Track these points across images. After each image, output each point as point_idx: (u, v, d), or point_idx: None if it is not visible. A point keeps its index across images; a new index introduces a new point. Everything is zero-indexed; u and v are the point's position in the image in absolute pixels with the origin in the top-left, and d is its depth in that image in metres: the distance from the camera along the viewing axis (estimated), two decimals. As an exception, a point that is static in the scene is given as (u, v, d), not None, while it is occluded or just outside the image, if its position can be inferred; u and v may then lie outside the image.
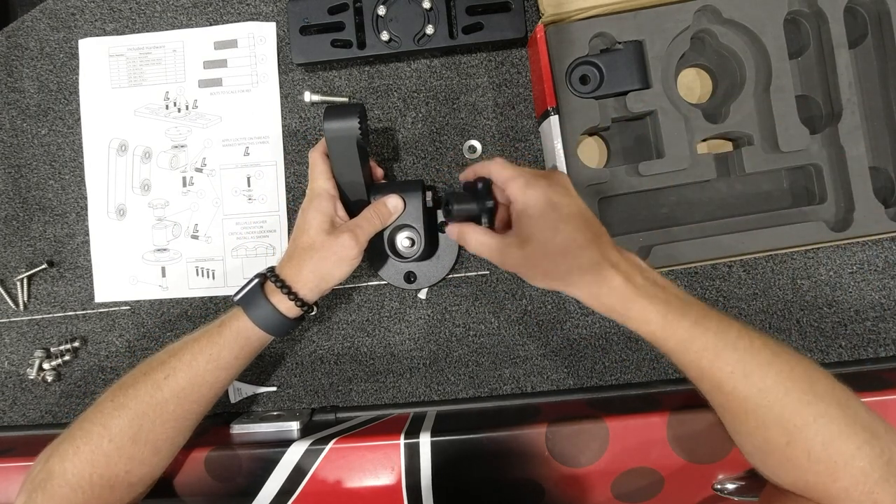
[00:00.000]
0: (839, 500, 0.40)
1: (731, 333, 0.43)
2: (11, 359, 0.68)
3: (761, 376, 0.42)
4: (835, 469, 0.40)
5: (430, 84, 0.66)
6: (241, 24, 0.67)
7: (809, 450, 0.41)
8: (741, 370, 0.42)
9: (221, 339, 0.52)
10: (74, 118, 0.68)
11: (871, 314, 0.62)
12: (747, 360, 0.42)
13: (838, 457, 0.40)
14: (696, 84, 0.65)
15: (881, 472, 0.39)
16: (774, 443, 0.42)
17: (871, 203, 0.58)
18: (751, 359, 0.42)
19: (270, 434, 0.60)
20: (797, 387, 0.42)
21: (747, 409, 0.43)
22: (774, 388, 0.42)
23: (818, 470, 0.41)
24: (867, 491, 0.39)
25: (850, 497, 0.40)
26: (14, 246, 0.68)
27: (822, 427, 0.41)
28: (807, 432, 0.41)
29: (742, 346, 0.43)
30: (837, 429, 0.40)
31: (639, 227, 0.62)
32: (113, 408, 0.50)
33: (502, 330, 0.64)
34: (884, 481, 0.39)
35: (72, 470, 0.47)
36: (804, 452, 0.41)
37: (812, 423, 0.41)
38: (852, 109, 0.58)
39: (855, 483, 0.40)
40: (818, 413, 0.41)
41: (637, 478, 0.55)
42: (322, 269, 0.52)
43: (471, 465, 0.55)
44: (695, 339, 0.43)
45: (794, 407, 0.41)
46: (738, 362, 0.42)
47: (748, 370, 0.42)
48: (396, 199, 0.56)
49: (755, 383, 0.42)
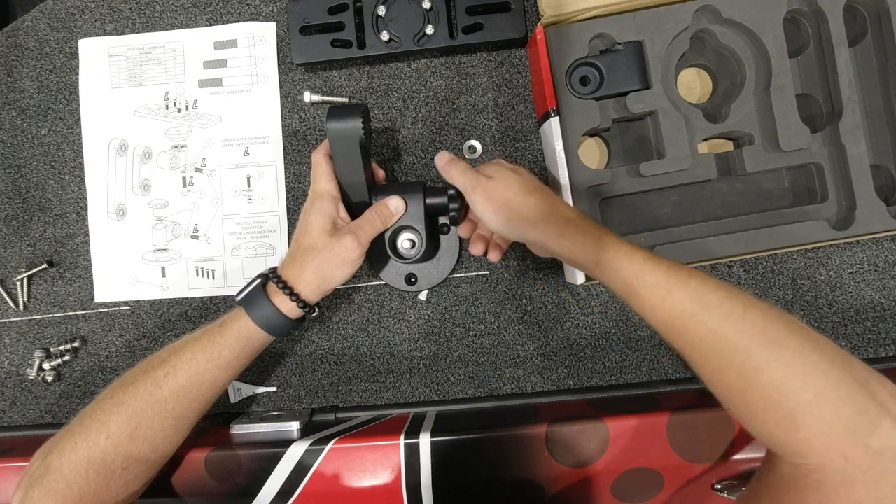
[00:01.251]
0: (806, 454, 0.37)
1: (683, 272, 0.43)
2: (11, 359, 0.68)
3: (711, 315, 0.41)
4: (793, 417, 0.37)
5: (430, 84, 0.66)
6: (241, 24, 0.67)
7: (765, 396, 0.38)
8: (692, 308, 0.42)
9: (222, 339, 0.52)
10: (74, 118, 0.68)
11: (871, 314, 0.62)
12: (697, 297, 0.42)
13: (794, 403, 0.37)
14: (696, 84, 0.64)
15: (847, 422, 0.36)
16: (733, 388, 0.40)
17: (873, 201, 0.57)
18: (701, 297, 0.42)
19: (270, 434, 0.60)
20: (749, 328, 0.40)
21: (702, 351, 0.42)
22: (725, 328, 0.40)
23: (777, 418, 0.38)
24: (832, 442, 0.36)
25: (815, 450, 0.37)
26: (14, 246, 0.68)
27: (774, 371, 0.38)
28: (760, 376, 0.39)
29: (693, 284, 0.42)
30: (792, 373, 0.38)
31: (640, 227, 0.62)
32: (112, 405, 0.50)
33: (502, 330, 0.64)
34: (850, 432, 0.36)
35: (69, 465, 0.48)
36: (761, 398, 0.39)
37: (764, 365, 0.38)
38: (853, 108, 0.58)
39: (816, 433, 0.36)
40: (771, 357, 0.38)
41: (637, 478, 0.55)
42: (324, 270, 0.52)
43: (471, 465, 0.55)
44: (647, 274, 0.43)
45: (745, 349, 0.39)
46: (689, 300, 0.42)
47: (698, 308, 0.41)
48: (398, 200, 0.56)
49: (705, 322, 0.41)
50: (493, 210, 0.50)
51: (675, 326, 0.43)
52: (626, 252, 0.45)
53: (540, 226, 0.48)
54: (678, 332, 0.43)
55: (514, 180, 0.51)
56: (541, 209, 0.49)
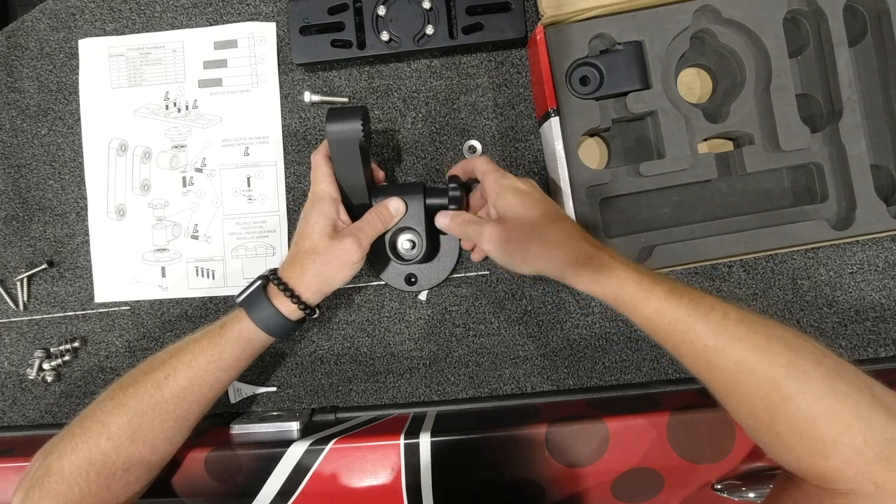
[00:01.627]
0: (834, 480, 0.38)
1: (704, 306, 0.43)
2: (11, 359, 0.68)
3: (737, 349, 0.41)
4: (823, 446, 0.38)
5: (430, 84, 0.66)
6: (241, 24, 0.67)
7: (794, 426, 0.39)
8: (714, 343, 0.41)
9: (223, 340, 0.52)
10: (74, 118, 0.68)
11: (871, 314, 0.62)
12: (719, 332, 0.42)
13: (825, 434, 0.38)
14: (696, 84, 0.64)
15: (879, 451, 0.36)
16: (761, 419, 0.41)
17: (873, 201, 0.57)
18: (723, 331, 0.42)
19: (270, 434, 0.60)
20: (776, 360, 0.40)
21: (728, 383, 0.42)
22: (750, 361, 0.40)
23: (806, 448, 0.38)
24: (863, 470, 0.37)
25: (846, 477, 0.37)
26: (14, 246, 0.68)
27: (803, 402, 0.38)
28: (788, 408, 0.39)
29: (714, 318, 0.42)
30: (822, 404, 0.38)
31: (640, 227, 0.62)
32: (113, 406, 0.50)
33: (502, 330, 0.64)
34: (883, 460, 0.36)
35: (69, 467, 0.48)
36: (790, 429, 0.39)
37: (793, 398, 0.39)
38: (853, 107, 0.58)
39: (847, 462, 0.37)
40: (799, 388, 0.39)
41: (637, 478, 0.55)
42: (325, 273, 0.53)
43: (471, 465, 0.55)
44: (667, 310, 0.43)
45: (773, 381, 0.39)
46: (711, 334, 0.42)
47: (721, 343, 0.41)
48: (398, 201, 0.56)
49: (730, 356, 0.41)
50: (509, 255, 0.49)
51: (698, 360, 0.43)
52: (647, 288, 0.44)
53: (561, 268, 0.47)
54: (702, 366, 0.43)
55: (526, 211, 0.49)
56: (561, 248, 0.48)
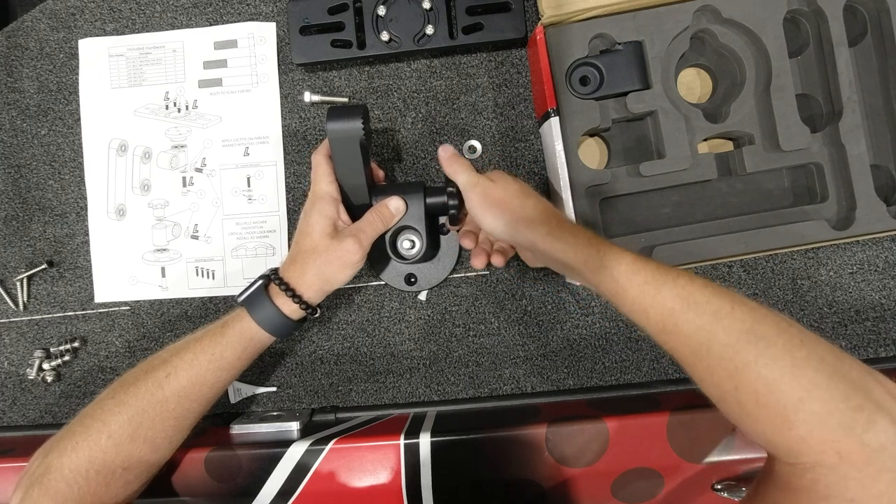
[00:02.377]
0: (801, 452, 0.36)
1: (672, 272, 0.44)
2: (11, 359, 0.68)
3: (699, 312, 0.41)
4: (785, 414, 0.37)
5: (430, 84, 0.66)
6: (240, 24, 0.67)
7: (756, 393, 0.38)
8: (680, 306, 0.42)
9: (224, 340, 0.52)
10: (74, 118, 0.68)
11: (872, 314, 0.62)
12: (685, 296, 0.42)
13: (786, 400, 0.37)
14: (696, 84, 0.64)
15: (841, 418, 0.35)
16: (724, 388, 0.40)
17: (873, 201, 0.57)
18: (689, 295, 0.42)
19: (270, 434, 0.60)
20: (738, 325, 0.40)
21: (691, 349, 0.42)
22: (712, 325, 0.40)
23: (770, 416, 0.38)
24: (826, 439, 0.35)
25: (810, 447, 0.36)
26: (14, 246, 0.68)
27: (763, 367, 0.38)
28: (748, 374, 0.38)
29: (682, 282, 0.43)
30: (780, 369, 0.37)
31: (640, 227, 0.62)
32: (113, 405, 0.50)
33: (502, 330, 0.64)
34: (845, 428, 0.35)
35: (69, 465, 0.48)
36: (751, 395, 0.38)
37: (753, 362, 0.38)
38: (853, 108, 0.58)
39: (810, 430, 0.36)
40: (759, 352, 0.38)
41: (637, 478, 0.55)
42: (326, 273, 0.53)
43: (471, 465, 0.55)
44: (636, 273, 0.44)
45: (733, 346, 0.39)
46: (678, 297, 0.42)
47: (686, 306, 0.42)
48: (398, 201, 0.57)
49: (693, 319, 0.41)
50: (488, 208, 0.51)
51: (665, 326, 0.43)
52: (616, 253, 0.46)
53: (533, 225, 0.49)
54: (668, 332, 0.43)
55: (513, 184, 0.52)
56: (536, 210, 0.50)
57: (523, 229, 0.49)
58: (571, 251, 0.47)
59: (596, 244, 0.47)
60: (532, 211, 0.50)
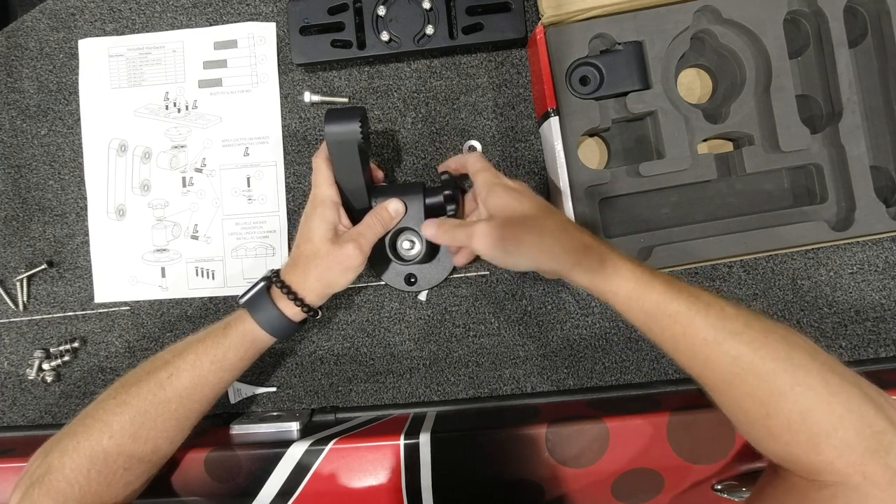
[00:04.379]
0: (825, 472, 0.38)
1: (703, 301, 0.43)
2: (11, 359, 0.68)
3: (734, 344, 0.41)
4: (816, 440, 0.38)
5: (430, 84, 0.66)
6: (240, 24, 0.67)
7: (788, 420, 0.39)
8: (713, 337, 0.42)
9: (227, 341, 0.52)
10: (74, 118, 0.68)
11: (872, 314, 0.62)
12: (719, 326, 0.42)
13: (818, 427, 0.38)
14: (696, 84, 0.64)
15: (868, 444, 0.37)
16: (754, 413, 0.41)
17: (873, 202, 0.57)
18: (723, 326, 0.42)
19: (270, 434, 0.60)
20: (772, 354, 0.40)
21: (724, 378, 0.42)
22: (748, 356, 0.41)
23: (799, 441, 0.39)
24: (853, 463, 0.37)
25: (836, 470, 0.38)
26: (14, 246, 0.68)
27: (799, 396, 0.39)
28: (783, 402, 0.39)
29: (714, 313, 0.42)
30: (816, 397, 0.39)
31: (640, 227, 0.62)
32: (115, 405, 0.50)
33: (502, 330, 0.64)
34: (871, 453, 0.37)
35: (70, 465, 0.48)
36: (783, 423, 0.39)
37: (788, 391, 0.39)
38: (853, 109, 0.58)
39: (839, 455, 0.38)
40: (794, 382, 0.39)
41: (637, 478, 0.55)
42: (327, 277, 0.53)
43: (471, 465, 0.55)
44: (668, 304, 0.43)
45: (769, 375, 0.40)
46: (711, 328, 0.42)
47: (720, 337, 0.42)
48: (398, 203, 0.57)
49: (728, 351, 0.41)
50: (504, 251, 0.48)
51: (696, 356, 0.43)
52: (646, 282, 0.44)
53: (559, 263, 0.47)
54: (700, 361, 0.43)
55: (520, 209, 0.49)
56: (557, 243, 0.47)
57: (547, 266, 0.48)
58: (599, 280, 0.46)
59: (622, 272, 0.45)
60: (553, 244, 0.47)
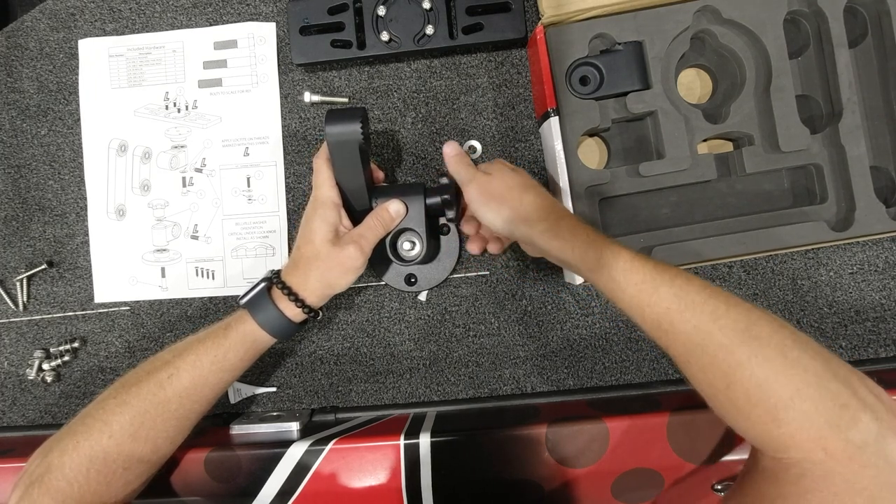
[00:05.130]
0: (788, 448, 0.38)
1: (669, 272, 0.44)
2: (11, 359, 0.68)
3: (696, 313, 0.42)
4: (775, 412, 0.38)
5: (430, 84, 0.66)
6: (240, 24, 0.67)
7: (747, 391, 0.39)
8: (677, 306, 0.42)
9: (227, 342, 0.52)
10: (74, 118, 0.68)
11: (872, 314, 0.62)
12: (682, 296, 0.43)
13: (776, 399, 0.38)
14: (696, 84, 0.65)
15: (828, 417, 0.36)
16: (717, 386, 0.41)
17: (872, 202, 0.57)
18: (686, 295, 0.43)
19: (270, 434, 0.60)
20: (732, 325, 0.41)
21: (687, 347, 0.42)
22: (708, 325, 0.41)
23: (760, 414, 0.39)
24: (814, 437, 0.37)
25: (798, 444, 0.37)
26: (14, 246, 0.68)
27: (756, 367, 0.39)
28: (742, 372, 0.39)
29: (679, 283, 0.43)
30: (773, 368, 0.39)
31: (639, 227, 0.62)
32: (115, 405, 0.50)
33: (502, 330, 0.64)
34: (832, 426, 0.36)
35: (70, 464, 0.48)
36: (743, 394, 0.39)
37: (746, 362, 0.39)
38: (853, 109, 0.58)
39: (799, 428, 0.37)
40: (752, 352, 0.39)
41: (637, 478, 0.55)
42: (328, 278, 0.53)
43: (471, 465, 0.55)
44: (634, 272, 0.44)
45: (728, 345, 0.40)
46: (675, 297, 0.43)
47: (683, 306, 0.42)
48: (398, 204, 0.57)
49: (689, 319, 0.42)
50: (486, 202, 0.51)
51: (661, 324, 0.44)
52: (614, 251, 0.46)
53: (531, 222, 0.49)
54: (664, 330, 0.44)
55: (511, 177, 0.52)
56: (534, 206, 0.50)
57: (521, 225, 0.49)
58: (569, 249, 0.48)
59: (594, 242, 0.47)
60: (530, 206, 0.50)
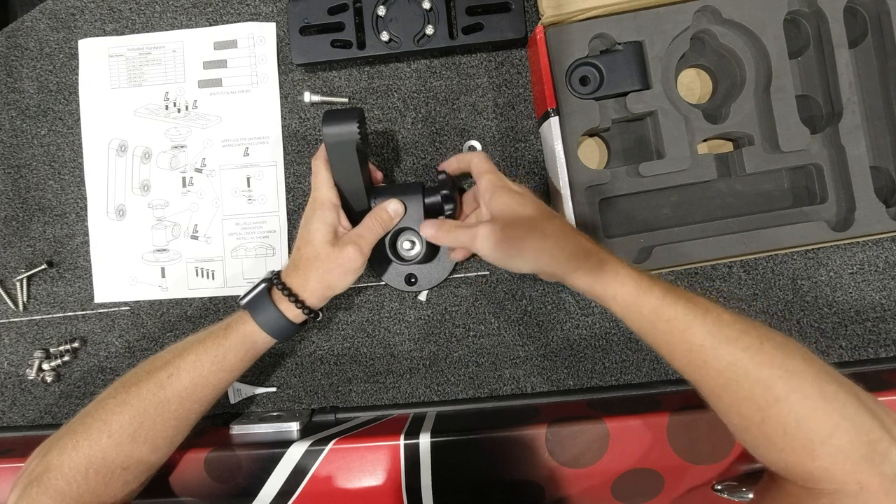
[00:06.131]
0: (821, 480, 0.39)
1: (700, 306, 0.44)
2: (11, 359, 0.68)
3: (730, 349, 0.42)
4: (812, 447, 0.39)
5: (430, 84, 0.66)
6: (240, 24, 0.67)
7: (784, 426, 0.39)
8: (710, 343, 0.42)
9: (227, 342, 0.52)
10: (74, 118, 0.68)
11: (872, 315, 0.62)
12: (716, 332, 0.42)
13: (814, 434, 0.39)
14: (696, 84, 0.64)
15: (864, 451, 0.37)
16: (750, 419, 0.41)
17: (872, 202, 0.57)
18: (719, 332, 0.42)
19: (270, 435, 0.60)
20: (768, 361, 0.41)
21: (720, 383, 0.42)
22: (743, 362, 0.41)
23: (795, 448, 0.39)
24: (849, 471, 0.38)
25: (832, 477, 0.38)
26: (14, 246, 0.68)
27: (795, 403, 0.39)
28: (779, 408, 0.40)
29: (710, 319, 0.43)
30: (812, 404, 0.39)
31: (639, 228, 0.62)
32: (115, 404, 0.50)
33: (502, 330, 0.64)
34: (867, 461, 0.37)
35: (69, 464, 0.48)
36: (779, 429, 0.40)
37: (784, 398, 0.40)
38: (853, 109, 0.58)
39: (834, 462, 0.38)
40: (791, 389, 0.40)
41: (637, 478, 0.55)
42: (328, 279, 0.53)
43: (471, 465, 0.55)
44: (665, 309, 0.44)
45: (765, 382, 0.40)
46: (708, 335, 0.42)
47: (717, 343, 0.42)
48: (397, 203, 0.57)
49: (724, 356, 0.42)
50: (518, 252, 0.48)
51: (693, 361, 0.43)
52: (646, 287, 0.45)
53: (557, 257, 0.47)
54: (696, 366, 0.43)
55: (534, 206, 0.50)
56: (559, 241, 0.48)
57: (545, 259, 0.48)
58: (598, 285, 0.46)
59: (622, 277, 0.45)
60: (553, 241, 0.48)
